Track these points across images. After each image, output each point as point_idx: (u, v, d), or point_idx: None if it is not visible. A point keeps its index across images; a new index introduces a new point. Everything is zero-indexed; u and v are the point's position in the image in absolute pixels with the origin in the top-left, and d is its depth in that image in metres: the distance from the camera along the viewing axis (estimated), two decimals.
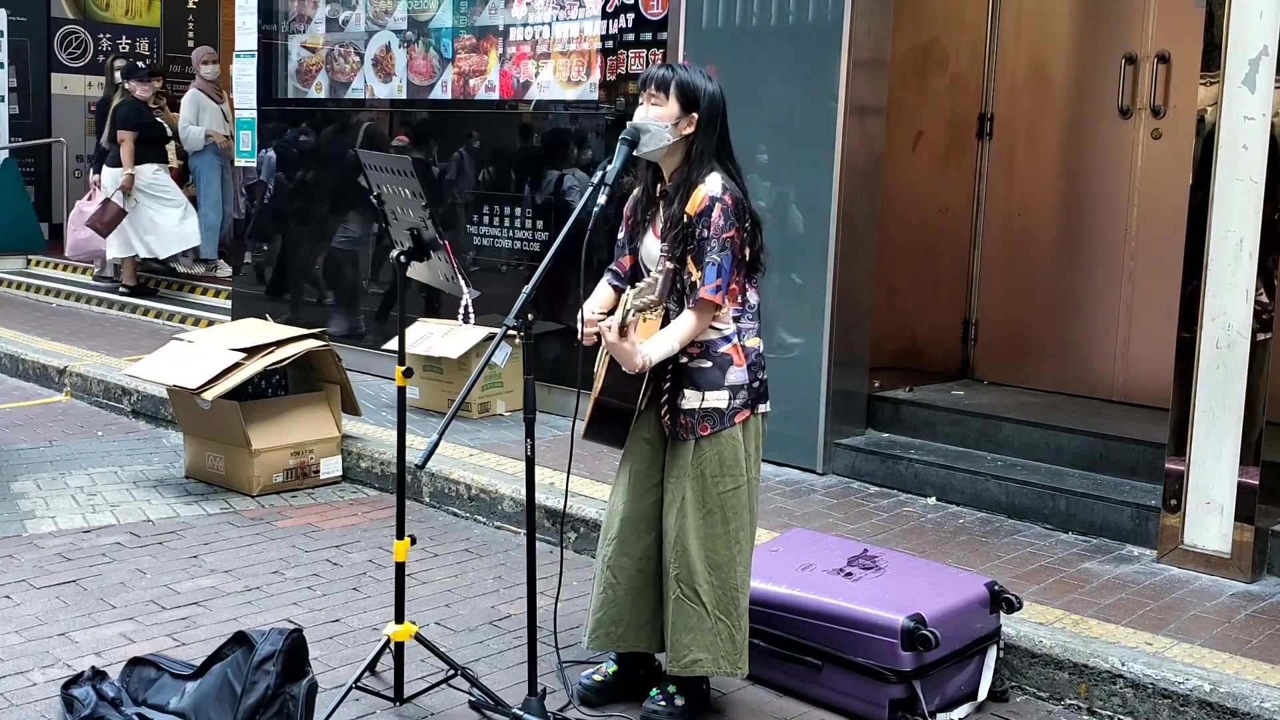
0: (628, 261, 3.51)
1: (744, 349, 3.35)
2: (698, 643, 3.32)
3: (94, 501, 5.30)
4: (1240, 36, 4.17)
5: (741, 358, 3.33)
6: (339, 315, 7.66)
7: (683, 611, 3.33)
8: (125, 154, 9.47)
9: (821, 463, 5.48)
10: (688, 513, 3.31)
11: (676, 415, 3.32)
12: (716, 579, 3.32)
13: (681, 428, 3.32)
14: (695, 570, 3.31)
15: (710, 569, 3.32)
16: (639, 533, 3.43)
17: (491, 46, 6.82)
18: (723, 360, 3.31)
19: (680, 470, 3.33)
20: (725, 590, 3.33)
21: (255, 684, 3.07)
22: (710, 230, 3.21)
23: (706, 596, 3.31)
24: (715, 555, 3.32)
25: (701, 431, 3.30)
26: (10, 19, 11.80)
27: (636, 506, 3.43)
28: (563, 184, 6.50)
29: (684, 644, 3.33)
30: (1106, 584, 4.22)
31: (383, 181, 3.63)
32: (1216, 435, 4.26)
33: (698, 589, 3.31)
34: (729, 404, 3.31)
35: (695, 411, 3.30)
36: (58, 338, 8.36)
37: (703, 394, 3.30)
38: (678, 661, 3.35)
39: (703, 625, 3.32)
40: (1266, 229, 4.14)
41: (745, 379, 3.34)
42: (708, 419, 3.30)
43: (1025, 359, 6.15)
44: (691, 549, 3.31)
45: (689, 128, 3.29)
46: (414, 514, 5.07)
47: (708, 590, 3.31)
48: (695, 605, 3.31)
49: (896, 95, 5.91)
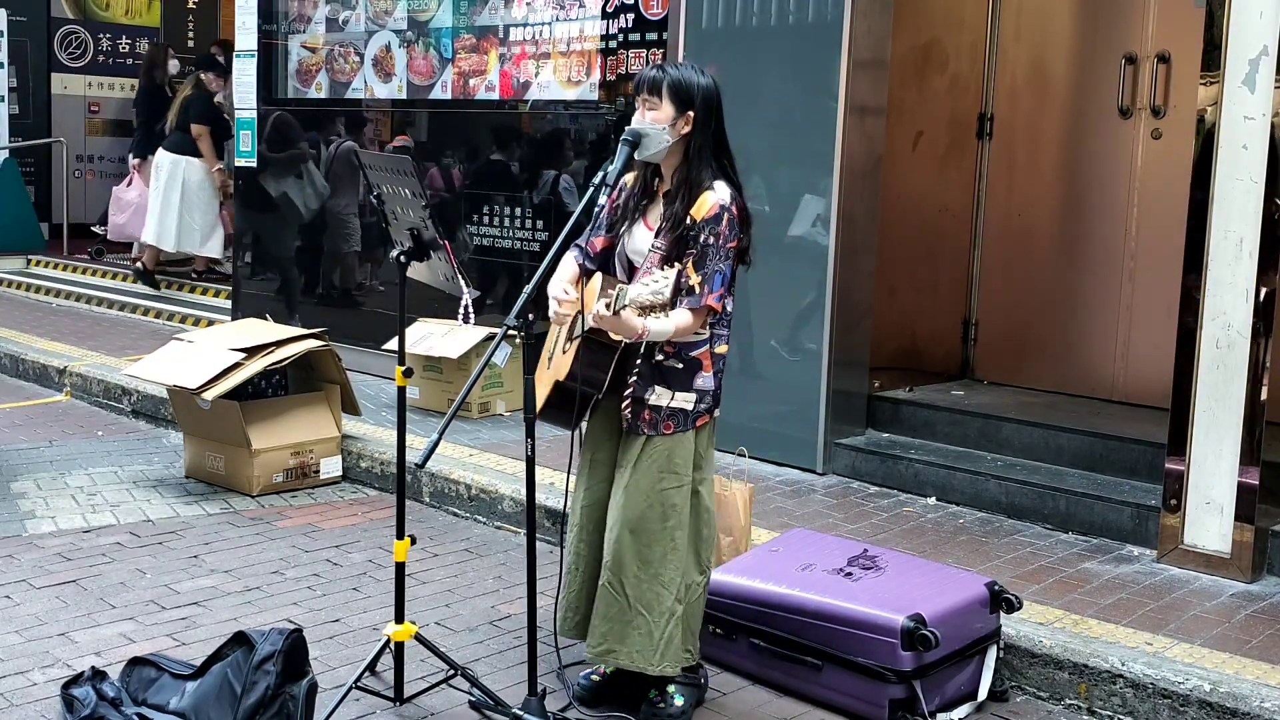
0: (600, 243, 3.49)
1: (713, 355, 3.37)
2: (613, 633, 3.36)
3: (94, 501, 5.30)
4: (1240, 36, 4.17)
5: (710, 364, 3.36)
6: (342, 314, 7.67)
7: (605, 599, 3.37)
8: (206, 149, 9.52)
9: (821, 463, 5.48)
10: (628, 504, 3.34)
11: (640, 409, 3.33)
12: (645, 574, 3.34)
13: (643, 422, 3.33)
14: (624, 562, 3.34)
15: (640, 563, 3.33)
16: (596, 521, 3.47)
17: (491, 46, 6.82)
18: (693, 364, 3.34)
19: (628, 462, 3.36)
20: (650, 586, 3.34)
21: (255, 684, 3.07)
22: (719, 239, 3.23)
23: (630, 589, 3.33)
24: (647, 550, 3.34)
25: (665, 430, 3.32)
26: (10, 19, 11.79)
27: (595, 495, 3.48)
28: (561, 184, 6.50)
29: (600, 632, 3.38)
30: (1106, 584, 4.22)
31: (382, 181, 3.63)
32: (1216, 435, 4.26)
33: (623, 579, 3.34)
34: (694, 407, 3.34)
35: (662, 409, 3.32)
36: (58, 338, 8.36)
37: (673, 393, 3.32)
38: (592, 649, 3.40)
39: (622, 617, 3.34)
40: (1266, 229, 4.14)
41: (712, 385, 3.37)
42: (673, 418, 3.33)
43: (1025, 359, 6.14)
44: (624, 540, 3.34)
45: (686, 127, 3.29)
46: (414, 514, 5.07)
47: (633, 583, 3.33)
48: (618, 595, 3.34)
49: (896, 95, 5.91)
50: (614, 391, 3.36)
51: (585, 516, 3.51)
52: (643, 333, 3.15)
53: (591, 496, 3.50)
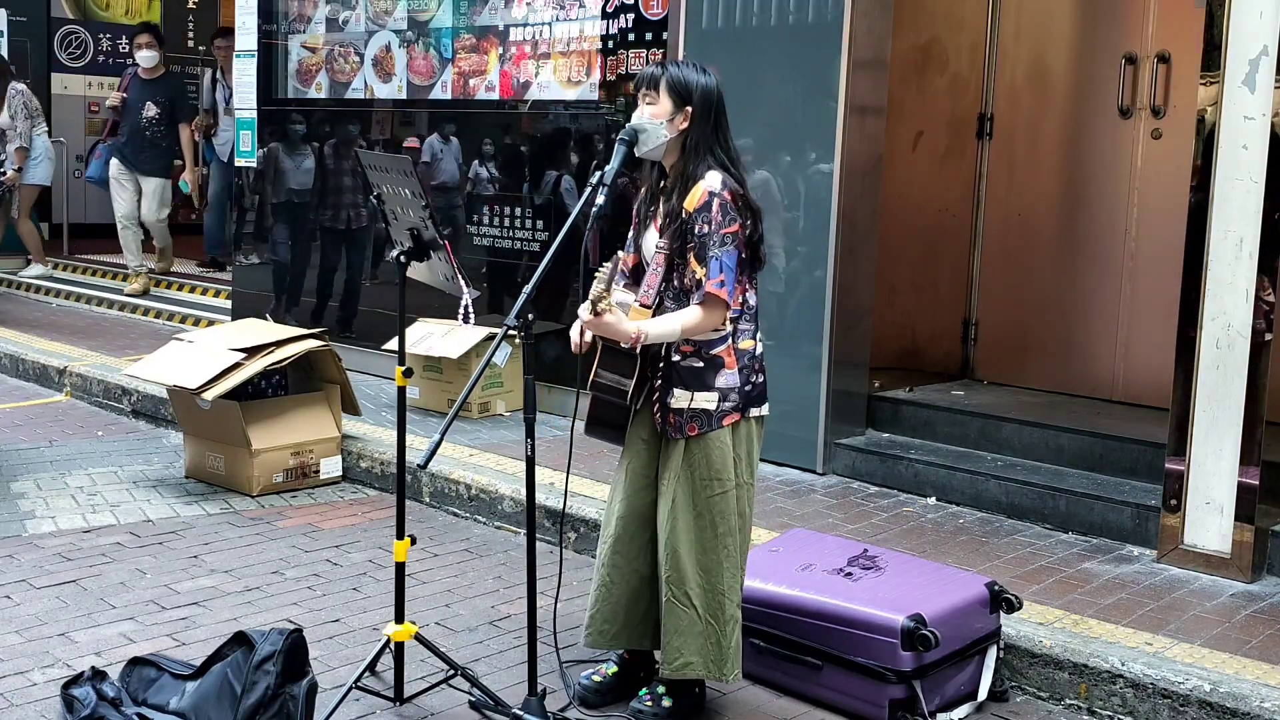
0: (631, 260, 3.50)
1: (737, 350, 3.33)
2: (688, 646, 3.31)
3: (94, 501, 5.30)
4: (1240, 36, 4.17)
5: (734, 360, 3.31)
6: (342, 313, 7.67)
7: (674, 614, 3.32)
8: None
9: (821, 463, 5.48)
10: (679, 514, 3.30)
11: (666, 413, 3.31)
12: (707, 584, 3.31)
13: (671, 426, 3.31)
14: (686, 573, 3.30)
15: (701, 572, 3.31)
16: (634, 532, 3.43)
17: (491, 46, 6.82)
18: (714, 361, 3.30)
19: (672, 470, 3.32)
20: (714, 595, 3.32)
21: (255, 684, 3.07)
22: (711, 226, 3.20)
23: (698, 599, 3.31)
24: (705, 559, 3.31)
25: (690, 432, 3.29)
26: (10, 19, 11.79)
27: (632, 505, 3.43)
28: (562, 184, 6.50)
29: (675, 647, 3.33)
30: (1106, 584, 4.22)
31: (382, 182, 3.63)
32: (1216, 435, 4.26)
33: (689, 591, 3.30)
34: (718, 406, 3.30)
35: (684, 411, 3.29)
36: (58, 338, 8.36)
37: (691, 394, 3.28)
38: (670, 664, 3.35)
39: (694, 628, 3.31)
40: (1266, 229, 4.14)
41: (736, 382, 3.32)
42: (695, 420, 3.29)
43: (1025, 359, 6.15)
44: (682, 551, 3.30)
45: (684, 122, 3.29)
46: (414, 514, 5.07)
47: (699, 593, 3.31)
48: (687, 608, 3.31)
49: (896, 95, 5.91)
50: (649, 398, 3.35)
51: (622, 527, 3.44)
52: (638, 335, 3.14)
53: (628, 507, 3.43)
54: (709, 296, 3.20)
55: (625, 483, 3.45)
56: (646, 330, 3.15)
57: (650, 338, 3.17)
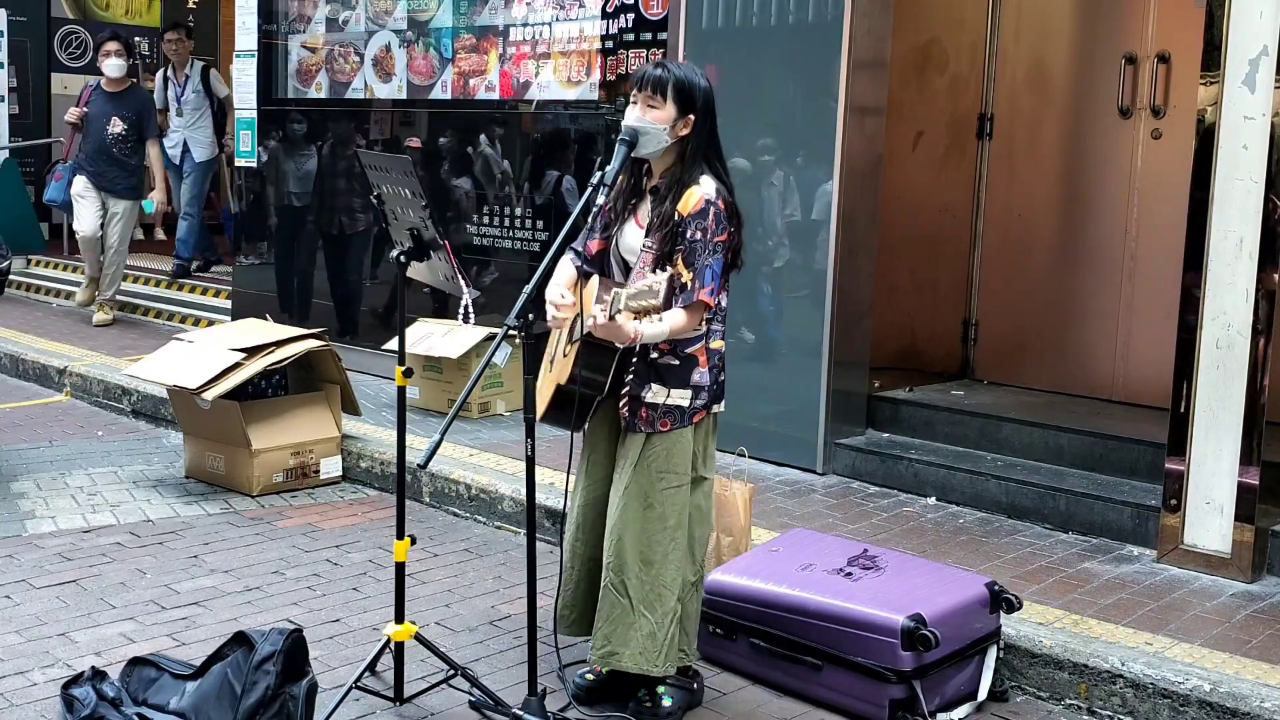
0: (595, 246, 3.49)
1: (709, 350, 3.37)
2: (616, 635, 3.34)
3: (94, 501, 5.30)
4: (1240, 36, 4.17)
5: (705, 359, 3.36)
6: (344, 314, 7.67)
7: (609, 602, 3.36)
8: None
9: (821, 463, 5.48)
10: (629, 504, 3.34)
11: (637, 407, 3.33)
12: (647, 574, 3.33)
13: (640, 420, 3.33)
14: (626, 562, 3.33)
15: (642, 563, 3.33)
16: (593, 520, 3.48)
17: (491, 46, 6.82)
18: (689, 360, 3.33)
19: (628, 461, 3.36)
20: (654, 586, 3.34)
21: (255, 684, 3.07)
22: (706, 234, 3.23)
23: (634, 590, 3.33)
24: (649, 550, 3.34)
25: (661, 427, 3.32)
26: (10, 19, 11.78)
27: (593, 494, 3.49)
28: (562, 184, 6.50)
29: (604, 635, 3.37)
30: (1106, 584, 4.22)
31: (382, 181, 3.63)
32: (1216, 435, 4.26)
33: (625, 580, 3.33)
34: (690, 403, 3.34)
35: (659, 406, 3.32)
36: (58, 338, 8.36)
37: (668, 390, 3.32)
38: (596, 651, 3.39)
39: (625, 619, 3.33)
40: (1266, 229, 4.14)
41: (707, 380, 3.36)
42: (669, 415, 3.33)
43: (1025, 359, 6.14)
44: (626, 541, 3.33)
45: (685, 129, 3.29)
46: (414, 514, 5.07)
47: (636, 584, 3.33)
48: (621, 597, 3.34)
49: (896, 95, 5.91)
50: (614, 391, 3.37)
51: (582, 515, 3.52)
52: (636, 337, 3.16)
53: (589, 495, 3.51)
54: (697, 303, 3.24)
55: (587, 472, 3.52)
56: (644, 331, 3.17)
57: (646, 338, 3.20)
